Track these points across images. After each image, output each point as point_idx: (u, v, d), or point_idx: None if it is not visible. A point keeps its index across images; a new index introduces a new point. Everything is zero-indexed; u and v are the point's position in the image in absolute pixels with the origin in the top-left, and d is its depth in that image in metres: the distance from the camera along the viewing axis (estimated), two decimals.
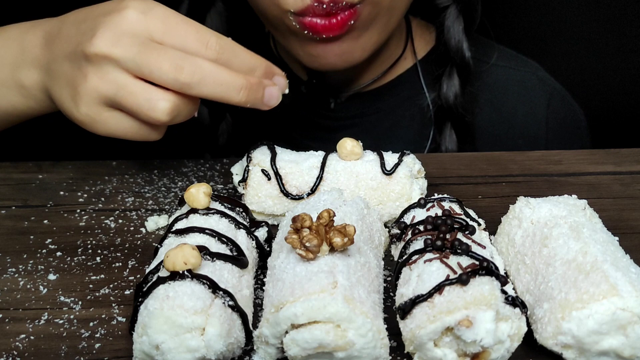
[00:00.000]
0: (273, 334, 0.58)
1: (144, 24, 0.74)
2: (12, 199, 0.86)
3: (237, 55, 0.76)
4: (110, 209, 0.84)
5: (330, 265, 0.60)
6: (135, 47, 0.73)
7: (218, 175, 0.91)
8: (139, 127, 0.77)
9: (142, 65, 0.73)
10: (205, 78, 0.73)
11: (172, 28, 0.75)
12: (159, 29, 0.74)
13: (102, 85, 0.74)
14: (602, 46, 1.34)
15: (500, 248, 0.70)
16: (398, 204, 0.78)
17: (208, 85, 0.73)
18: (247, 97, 0.75)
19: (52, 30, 0.81)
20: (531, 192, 0.77)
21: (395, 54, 1.10)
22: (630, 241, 0.72)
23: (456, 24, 1.04)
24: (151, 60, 0.73)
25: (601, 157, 0.94)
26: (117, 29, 0.74)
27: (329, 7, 0.88)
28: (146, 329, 0.57)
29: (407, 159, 0.80)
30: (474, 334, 0.56)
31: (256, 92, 0.76)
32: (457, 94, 1.05)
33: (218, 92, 0.74)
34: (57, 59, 0.78)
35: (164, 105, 0.74)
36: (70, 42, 0.77)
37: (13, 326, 0.65)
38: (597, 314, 0.57)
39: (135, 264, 0.74)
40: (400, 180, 0.78)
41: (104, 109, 0.76)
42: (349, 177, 0.78)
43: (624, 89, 1.36)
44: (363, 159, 0.80)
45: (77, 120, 0.78)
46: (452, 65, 1.06)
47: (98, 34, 0.74)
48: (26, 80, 0.82)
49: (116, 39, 0.73)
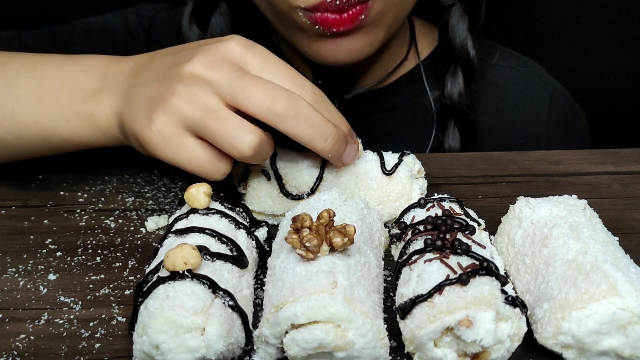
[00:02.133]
0: (273, 334, 0.59)
1: (245, 56, 0.73)
2: (12, 199, 0.86)
3: (328, 107, 0.75)
4: (110, 209, 0.84)
5: (330, 265, 0.60)
6: (233, 73, 0.71)
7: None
8: (211, 160, 0.73)
9: (237, 90, 0.71)
10: (300, 115, 0.71)
11: (271, 66, 0.73)
12: (258, 64, 0.73)
13: (189, 106, 0.71)
14: (603, 47, 1.34)
15: (500, 248, 0.70)
16: (398, 204, 0.78)
17: (300, 123, 0.71)
18: (332, 146, 0.73)
19: (143, 61, 0.79)
20: (531, 192, 0.77)
21: (399, 55, 1.10)
22: (630, 241, 0.72)
23: (461, 22, 1.05)
24: (248, 87, 0.71)
25: (601, 157, 0.94)
26: (217, 55, 0.72)
27: (342, 3, 0.88)
28: (146, 329, 0.57)
29: (407, 159, 0.80)
30: (474, 334, 0.56)
31: (340, 145, 0.74)
32: (462, 92, 1.06)
33: (308, 132, 0.72)
34: (142, 83, 0.76)
35: (252, 139, 0.71)
36: (163, 67, 0.75)
37: (13, 326, 0.65)
38: (597, 314, 0.57)
39: (135, 264, 0.74)
40: (401, 180, 0.78)
41: (180, 132, 0.72)
42: (348, 177, 0.79)
43: (624, 89, 1.36)
44: (363, 159, 0.80)
45: (146, 138, 0.72)
46: (457, 63, 1.06)
47: (196, 57, 0.72)
48: (99, 107, 0.78)
49: (215, 63, 0.72)
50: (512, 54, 1.16)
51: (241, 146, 0.71)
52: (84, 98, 0.79)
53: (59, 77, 0.81)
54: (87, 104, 0.79)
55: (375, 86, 1.10)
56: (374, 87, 1.10)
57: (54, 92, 0.80)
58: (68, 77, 0.80)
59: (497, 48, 1.14)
